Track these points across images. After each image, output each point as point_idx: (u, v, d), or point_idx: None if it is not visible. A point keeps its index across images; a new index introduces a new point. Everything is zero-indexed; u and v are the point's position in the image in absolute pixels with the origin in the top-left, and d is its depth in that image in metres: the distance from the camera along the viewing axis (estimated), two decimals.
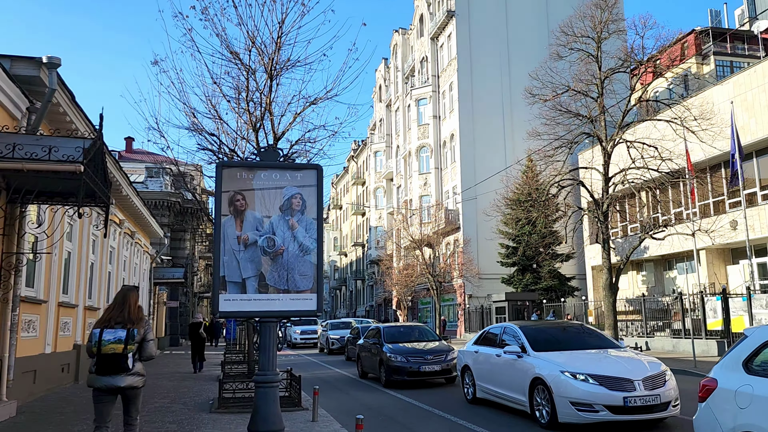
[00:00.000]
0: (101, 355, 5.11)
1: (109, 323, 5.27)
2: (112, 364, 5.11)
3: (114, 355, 5.10)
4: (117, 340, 5.14)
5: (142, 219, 21.17)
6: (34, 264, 10.81)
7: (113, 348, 5.11)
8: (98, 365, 5.13)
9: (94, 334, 5.18)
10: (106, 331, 5.17)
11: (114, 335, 5.16)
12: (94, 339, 5.16)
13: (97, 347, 5.11)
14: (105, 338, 5.13)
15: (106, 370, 5.14)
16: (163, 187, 40.64)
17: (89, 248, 14.84)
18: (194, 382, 14.03)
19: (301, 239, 6.79)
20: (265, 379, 6.30)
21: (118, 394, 5.27)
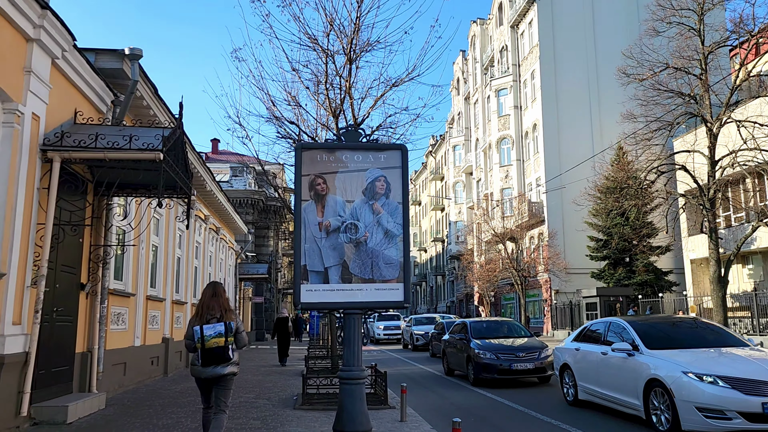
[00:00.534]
0: (206, 349, 5.44)
1: (205, 319, 5.56)
2: (216, 356, 5.46)
3: (217, 348, 5.44)
4: (218, 335, 5.46)
5: (226, 215, 21.44)
6: (121, 257, 10.89)
7: (216, 342, 5.44)
8: (203, 358, 5.47)
9: (195, 331, 5.49)
10: (205, 327, 5.49)
11: (214, 330, 5.48)
12: (197, 336, 5.47)
13: (201, 343, 5.44)
14: (207, 334, 5.45)
15: (211, 361, 5.48)
16: (247, 186, 41.58)
17: (175, 243, 15.00)
18: (279, 376, 13.87)
19: (386, 225, 6.27)
20: (350, 375, 5.83)
21: (218, 381, 5.64)
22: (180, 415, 8.18)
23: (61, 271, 8.04)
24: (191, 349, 5.57)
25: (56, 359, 7.93)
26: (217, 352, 5.46)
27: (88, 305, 9.04)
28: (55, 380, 7.90)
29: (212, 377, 5.57)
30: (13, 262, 6.63)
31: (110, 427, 7.26)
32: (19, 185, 6.76)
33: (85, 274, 8.93)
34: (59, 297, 8.00)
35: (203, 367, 5.52)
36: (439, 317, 27.64)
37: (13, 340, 6.61)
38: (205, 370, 5.52)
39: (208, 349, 5.45)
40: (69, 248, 8.32)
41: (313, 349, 21.31)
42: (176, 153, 8.39)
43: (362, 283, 6.07)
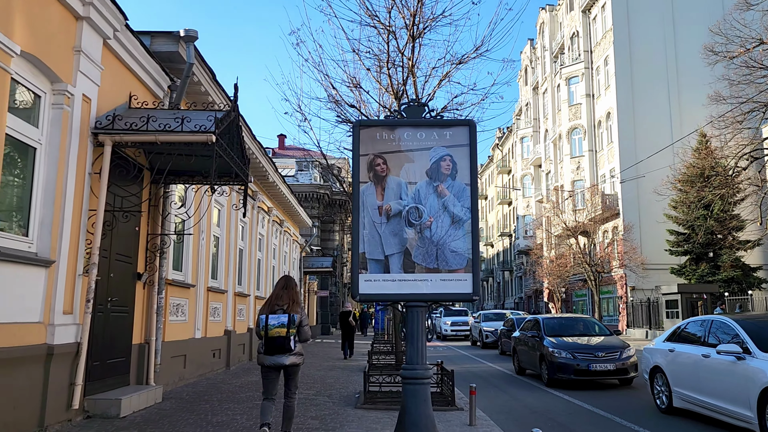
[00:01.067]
0: (268, 338, 5.65)
1: (273, 309, 5.76)
2: (278, 345, 5.64)
3: (279, 337, 5.63)
4: (280, 325, 5.65)
5: (290, 208, 21.26)
6: (181, 247, 10.69)
7: (278, 332, 5.63)
8: (266, 346, 5.68)
9: (261, 319, 5.72)
10: (270, 316, 5.69)
11: (278, 320, 5.67)
12: (261, 324, 5.70)
13: (265, 331, 5.66)
14: (270, 323, 5.66)
15: (272, 350, 5.67)
16: (312, 180, 41.73)
17: (237, 234, 14.82)
18: (341, 372, 13.44)
19: (453, 209, 5.61)
20: (414, 375, 5.23)
21: (281, 370, 5.82)
22: (236, 411, 7.80)
23: (115, 260, 7.81)
24: (257, 335, 5.81)
25: (111, 351, 7.71)
26: (279, 341, 5.64)
27: (145, 296, 8.82)
28: (110, 372, 7.68)
29: (273, 366, 5.74)
30: (63, 249, 6.38)
31: (163, 422, 6.94)
32: (69, 169, 6.50)
33: (142, 263, 8.71)
34: (114, 286, 7.77)
35: (266, 354, 5.73)
36: (509, 313, 26.65)
37: (64, 330, 6.37)
38: (268, 357, 5.72)
39: (271, 338, 5.65)
40: (124, 237, 8.09)
41: (378, 344, 20.87)
42: (231, 136, 8.01)
43: (426, 273, 5.46)
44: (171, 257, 9.83)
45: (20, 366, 5.66)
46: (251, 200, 16.01)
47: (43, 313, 6.11)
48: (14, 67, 5.62)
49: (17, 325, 5.67)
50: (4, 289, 5.51)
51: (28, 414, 5.82)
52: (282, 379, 5.93)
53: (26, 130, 6.03)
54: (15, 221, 6.00)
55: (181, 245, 10.72)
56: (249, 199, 15.68)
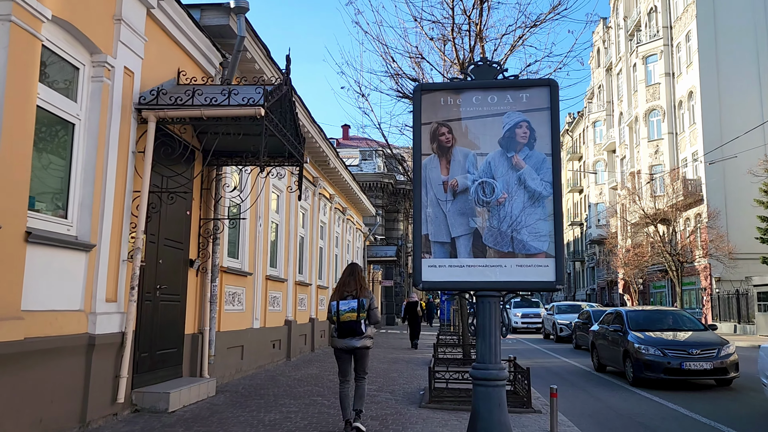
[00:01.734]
0: (341, 322, 5.89)
1: (342, 296, 5.97)
2: (350, 329, 5.87)
3: (350, 321, 5.86)
4: (351, 310, 5.86)
5: (352, 195, 20.75)
6: (237, 234, 10.26)
7: (349, 316, 5.85)
8: (339, 330, 5.93)
9: (332, 305, 5.98)
10: (341, 302, 5.92)
11: (348, 306, 5.88)
12: (333, 310, 5.95)
13: (337, 316, 5.90)
14: (342, 309, 5.89)
15: (345, 334, 5.91)
16: (376, 169, 41.29)
17: (297, 221, 14.37)
18: (405, 365, 12.77)
19: (531, 183, 4.79)
20: (486, 375, 4.48)
21: (353, 353, 6.03)
22: (291, 408, 7.25)
23: (164, 245, 7.39)
24: (330, 321, 6.06)
25: (161, 341, 7.31)
26: (351, 325, 5.87)
27: (198, 283, 8.40)
28: (160, 364, 7.28)
29: (346, 348, 5.98)
30: (105, 232, 5.96)
31: (212, 419, 6.45)
32: (110, 147, 6.07)
33: (194, 249, 8.28)
34: (163, 273, 7.36)
35: (339, 338, 5.98)
36: (585, 305, 25.26)
37: (107, 318, 5.95)
38: (341, 341, 5.97)
39: (343, 322, 5.88)
40: (174, 221, 7.67)
41: (444, 335, 20.13)
42: (282, 112, 7.42)
43: (499, 257, 4.68)
44: (226, 244, 9.41)
45: (58, 357, 5.26)
46: (312, 186, 15.54)
47: (84, 301, 5.70)
48: (46, 33, 5.18)
49: (55, 313, 5.27)
50: (41, 275, 5.11)
51: (68, 409, 5.42)
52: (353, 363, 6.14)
53: (64, 104, 5.61)
54: (53, 202, 5.61)
55: (237, 232, 10.30)
56: (309, 185, 15.22)
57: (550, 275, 4.60)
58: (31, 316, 4.89)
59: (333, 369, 11.31)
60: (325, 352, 15.38)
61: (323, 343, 16.79)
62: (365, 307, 5.92)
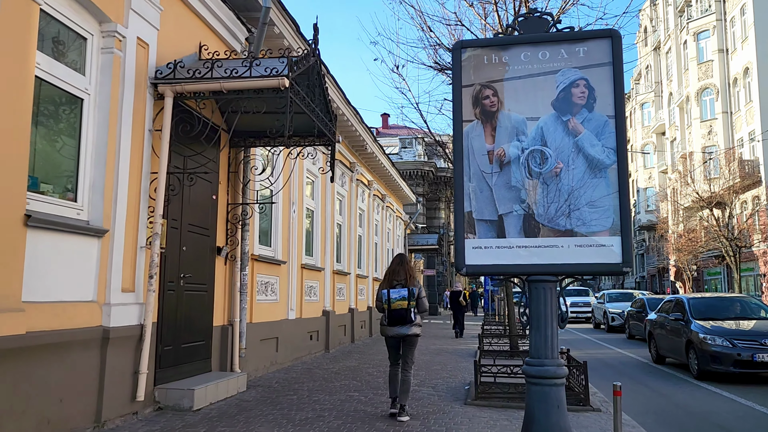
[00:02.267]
0: (391, 310, 6.01)
1: (392, 284, 6.09)
2: (400, 317, 5.99)
3: (401, 309, 5.98)
4: (401, 298, 5.99)
5: (392, 182, 20.16)
6: (269, 221, 9.79)
7: (400, 305, 5.97)
8: (389, 319, 6.04)
9: (383, 294, 6.09)
10: (391, 291, 6.04)
11: (399, 294, 6.01)
12: (384, 298, 6.07)
13: (388, 305, 6.02)
14: (392, 297, 6.01)
15: (395, 322, 6.02)
16: (416, 157, 40.68)
17: (334, 208, 13.85)
18: (449, 356, 12.14)
19: (590, 150, 4.11)
20: (542, 372, 3.85)
21: (402, 340, 6.15)
22: (325, 405, 6.72)
23: (188, 231, 6.93)
24: (380, 309, 6.17)
25: (187, 333, 6.86)
26: (401, 313, 5.99)
27: (227, 272, 7.94)
28: (186, 358, 6.84)
29: (397, 336, 6.10)
30: (119, 217, 5.50)
31: (239, 418, 5.96)
32: (123, 124, 5.60)
33: (222, 236, 7.82)
34: (188, 261, 6.90)
35: (389, 326, 6.10)
36: (637, 293, 24.12)
37: (123, 310, 5.51)
38: (391, 329, 6.09)
39: (393, 311, 6.01)
40: (199, 206, 7.20)
41: (489, 325, 19.40)
42: (310, 85, 6.84)
43: (555, 236, 4.03)
44: (256, 231, 8.93)
45: (66, 352, 4.83)
46: (348, 172, 15.00)
47: (97, 291, 5.26)
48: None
49: (63, 304, 4.83)
50: (46, 263, 4.68)
51: (81, 408, 4.99)
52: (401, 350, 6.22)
53: (70, 78, 5.16)
54: (60, 184, 5.17)
55: (270, 219, 9.82)
56: (346, 171, 14.68)
57: (616, 256, 3.94)
58: (33, 308, 4.46)
59: (372, 361, 10.80)
60: (366, 343, 14.87)
61: (363, 333, 16.30)
62: (415, 295, 6.06)
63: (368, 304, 17.22)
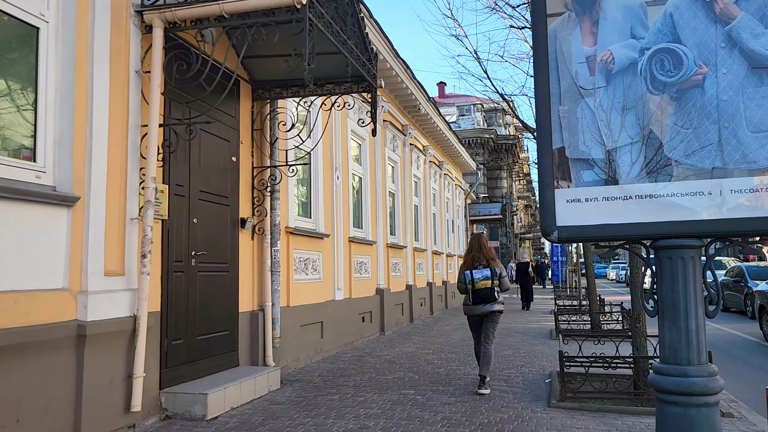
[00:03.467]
0: (476, 290, 6.20)
1: (473, 265, 6.28)
2: (484, 296, 6.18)
3: (485, 289, 6.18)
4: (485, 278, 6.19)
5: (450, 148, 18.61)
6: (308, 189, 8.53)
7: (484, 284, 6.18)
8: (473, 298, 6.23)
9: (466, 275, 6.26)
10: (474, 271, 6.23)
11: (482, 274, 6.21)
12: (468, 279, 6.24)
13: (472, 285, 6.21)
14: (476, 277, 6.21)
15: (479, 301, 6.21)
16: (475, 125, 38.90)
17: (386, 175, 12.48)
18: (521, 338, 10.67)
19: (752, 43, 2.49)
20: (685, 387, 2.33)
21: (486, 317, 6.27)
22: (371, 408, 5.43)
23: (200, 200, 5.72)
24: (462, 290, 6.32)
25: (204, 323, 5.69)
26: (485, 293, 6.15)
27: (255, 248, 6.73)
28: (205, 352, 5.68)
29: (482, 314, 6.24)
30: (96, 180, 4.30)
31: (261, 430, 4.74)
32: (96, 62, 4.36)
33: (246, 206, 6.60)
34: (202, 236, 5.70)
35: (473, 305, 6.23)
36: (730, 260, 21.81)
37: (107, 299, 4.34)
38: (476, 308, 6.23)
39: (478, 290, 6.16)
40: (215, 170, 5.98)
41: (560, 299, 17.75)
42: (339, 9, 5.41)
43: (697, 179, 2.54)
44: (292, 200, 7.68)
45: (24, 357, 3.69)
46: (401, 135, 13.56)
47: (69, 276, 4.09)
48: None
49: (15, 294, 3.68)
50: None
51: (51, 427, 3.87)
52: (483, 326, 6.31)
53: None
54: (13, 140, 4.00)
55: (309, 186, 8.56)
56: (398, 134, 13.25)
57: None
58: None
59: (432, 345, 9.50)
60: (425, 323, 13.57)
61: (423, 312, 14.98)
62: (497, 275, 6.22)
63: (428, 279, 15.87)
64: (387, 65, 11.07)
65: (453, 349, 9.20)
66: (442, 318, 14.92)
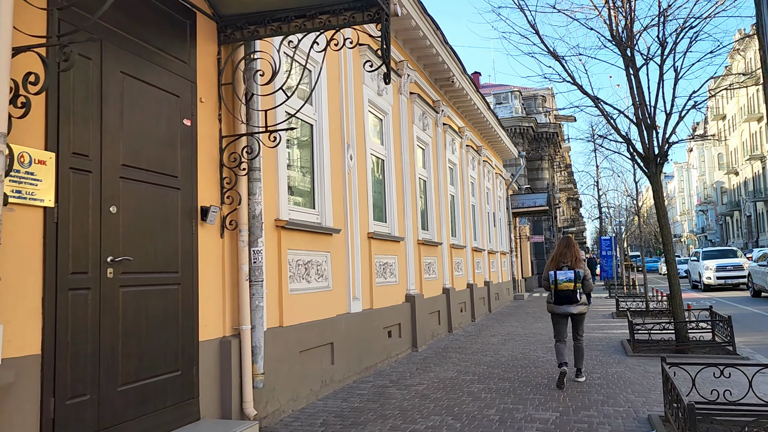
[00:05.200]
0: (558, 290, 6.40)
1: (558, 266, 6.45)
2: (567, 297, 6.38)
3: (567, 290, 6.36)
4: (568, 280, 6.35)
5: (489, 131, 16.46)
6: (310, 173, 6.57)
7: (566, 286, 6.34)
8: (556, 298, 6.42)
9: (551, 275, 6.47)
10: (558, 272, 6.41)
11: (565, 276, 6.38)
12: (552, 279, 6.44)
13: (555, 285, 6.39)
14: (560, 278, 6.38)
15: (562, 301, 6.40)
16: (513, 113, 36.51)
17: (415, 159, 10.45)
18: (589, 352, 8.48)
19: None
20: None
21: (568, 318, 6.50)
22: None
23: (125, 178, 3.80)
24: (546, 288, 6.58)
25: (135, 364, 3.77)
26: (567, 294, 6.38)
27: (226, 249, 4.79)
28: (137, 409, 3.76)
29: (564, 314, 6.46)
30: None
31: None
32: None
33: (210, 190, 4.66)
34: (130, 233, 3.79)
35: (556, 304, 6.46)
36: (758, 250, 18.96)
37: None
38: (558, 307, 6.45)
39: (561, 291, 6.39)
40: (151, 137, 4.06)
41: (622, 298, 15.40)
42: None
43: None
44: (282, 184, 5.72)
45: None
46: (432, 112, 11.50)
47: None
48: None
49: None
50: None
51: None
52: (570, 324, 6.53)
53: None
54: None
55: (311, 167, 6.60)
56: (428, 110, 11.20)
57: None
58: None
59: (477, 367, 7.33)
60: (467, 332, 11.48)
61: (463, 319, 12.88)
62: (581, 278, 6.36)
63: (467, 280, 13.75)
64: (412, 23, 9.06)
65: (505, 373, 7.13)
66: (486, 325, 12.82)
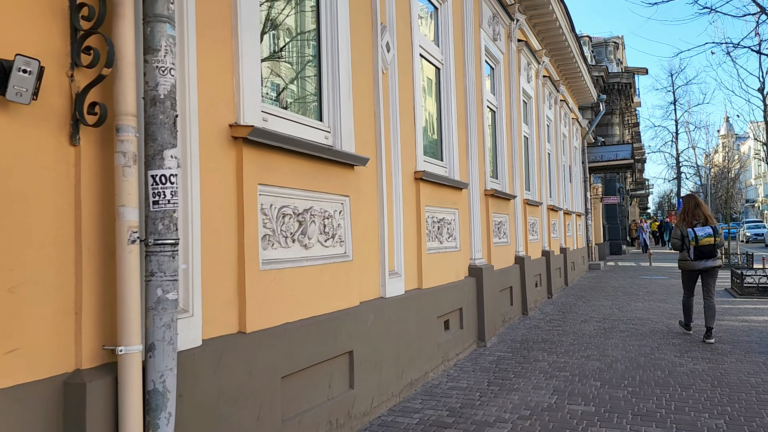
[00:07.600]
0: (700, 246, 6.54)
1: (691, 223, 6.64)
2: (707, 252, 6.54)
3: (708, 245, 6.53)
4: (708, 235, 6.51)
5: (567, 59, 13.09)
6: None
7: (707, 241, 6.51)
8: (695, 254, 6.57)
9: (689, 232, 6.56)
10: (697, 229, 6.56)
11: (704, 232, 6.53)
12: (692, 236, 6.54)
13: (696, 242, 6.53)
14: (699, 234, 6.52)
15: (701, 256, 6.55)
16: None
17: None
18: (721, 363, 5.55)
19: None
20: None
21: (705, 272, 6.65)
22: None
23: None
24: (676, 247, 6.73)
25: None
26: (708, 248, 6.51)
27: (87, 177, 2.10)
28: None
29: (703, 269, 6.60)
30: None
31: None
32: None
33: (24, 23, 1.95)
34: None
35: (696, 260, 6.59)
36: None
37: None
38: (699, 263, 6.59)
39: (702, 246, 6.52)
40: None
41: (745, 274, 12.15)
42: None
43: None
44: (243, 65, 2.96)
45: None
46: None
47: None
48: None
49: None
50: None
51: None
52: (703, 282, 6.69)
53: None
54: None
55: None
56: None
57: None
58: None
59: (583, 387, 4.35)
60: (546, 314, 8.60)
61: (539, 295, 9.98)
62: (718, 232, 6.54)
63: (542, 246, 10.78)
64: None
65: (635, 397, 4.29)
66: (568, 304, 9.90)
